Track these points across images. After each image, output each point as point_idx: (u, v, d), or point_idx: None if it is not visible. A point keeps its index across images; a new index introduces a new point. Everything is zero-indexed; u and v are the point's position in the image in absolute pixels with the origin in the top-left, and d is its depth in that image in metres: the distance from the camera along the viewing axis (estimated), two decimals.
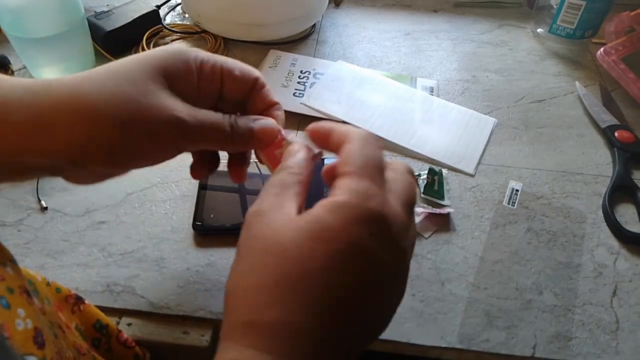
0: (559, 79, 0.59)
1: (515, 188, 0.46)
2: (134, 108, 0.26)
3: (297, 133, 0.51)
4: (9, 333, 0.23)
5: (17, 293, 0.25)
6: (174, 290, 0.38)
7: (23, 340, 0.23)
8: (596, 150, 0.50)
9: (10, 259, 0.26)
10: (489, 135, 0.51)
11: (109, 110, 0.26)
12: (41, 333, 0.25)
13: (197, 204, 0.43)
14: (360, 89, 0.55)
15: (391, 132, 0.51)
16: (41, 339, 0.24)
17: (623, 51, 0.57)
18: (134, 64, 0.27)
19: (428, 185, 0.45)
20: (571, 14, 0.60)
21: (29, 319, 0.24)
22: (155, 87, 0.27)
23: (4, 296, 0.24)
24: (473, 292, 0.38)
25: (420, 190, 0.45)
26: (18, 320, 0.24)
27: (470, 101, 0.56)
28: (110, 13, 0.59)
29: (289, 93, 0.54)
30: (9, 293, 0.24)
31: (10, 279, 0.25)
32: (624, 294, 0.39)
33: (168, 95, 0.27)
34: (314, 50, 0.62)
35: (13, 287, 0.25)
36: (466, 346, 0.35)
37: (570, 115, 0.54)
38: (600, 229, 0.43)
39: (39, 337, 0.24)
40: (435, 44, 0.64)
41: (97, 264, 0.39)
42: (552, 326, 0.37)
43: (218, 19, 0.59)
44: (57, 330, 0.28)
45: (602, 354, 0.35)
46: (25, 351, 0.23)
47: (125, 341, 0.34)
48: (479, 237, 0.42)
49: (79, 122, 0.25)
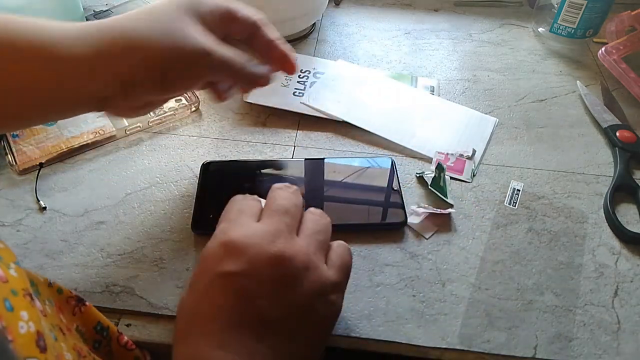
0: (560, 79, 0.59)
1: (516, 188, 0.46)
2: (174, 40, 0.31)
3: (297, 133, 0.51)
4: (12, 336, 0.23)
5: (20, 295, 0.25)
6: (174, 290, 0.37)
7: (26, 344, 0.23)
8: (597, 150, 0.50)
9: (14, 261, 0.26)
10: (490, 135, 0.51)
11: (157, 42, 0.31)
12: (43, 337, 0.24)
13: (196, 204, 0.42)
14: (361, 89, 0.55)
15: (391, 131, 0.50)
16: (43, 342, 0.24)
17: (624, 50, 0.57)
18: (170, 5, 0.32)
19: (435, 180, 0.45)
20: (572, 13, 0.60)
21: (32, 322, 0.24)
22: (188, 23, 0.32)
23: (8, 298, 0.24)
24: (474, 292, 0.38)
25: (428, 183, 0.45)
26: (21, 323, 0.24)
27: (471, 101, 0.55)
28: (109, 12, 0.59)
29: (289, 92, 0.54)
30: (13, 295, 0.24)
31: (14, 281, 0.25)
32: (625, 295, 0.39)
33: (198, 30, 0.32)
34: (314, 50, 0.62)
35: (17, 290, 0.25)
36: (467, 347, 0.35)
37: (571, 114, 0.54)
38: (601, 229, 0.43)
39: (41, 341, 0.24)
40: (436, 43, 0.64)
41: (96, 264, 0.39)
42: (553, 327, 0.37)
43: None
44: (57, 333, 0.27)
45: (603, 354, 0.35)
46: (28, 354, 0.23)
47: (125, 344, 0.33)
48: (479, 238, 0.42)
49: (135, 52, 0.31)
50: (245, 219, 0.31)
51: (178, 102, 0.53)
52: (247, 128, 0.51)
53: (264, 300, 0.28)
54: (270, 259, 0.28)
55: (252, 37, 0.37)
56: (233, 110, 0.53)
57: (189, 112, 0.52)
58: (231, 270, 0.28)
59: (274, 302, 0.28)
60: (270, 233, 0.29)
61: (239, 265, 0.28)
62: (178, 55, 0.31)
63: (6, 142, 0.46)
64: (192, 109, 0.52)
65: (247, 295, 0.28)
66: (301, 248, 0.29)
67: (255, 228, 0.30)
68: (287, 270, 0.28)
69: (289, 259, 0.28)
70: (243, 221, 0.31)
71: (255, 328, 0.27)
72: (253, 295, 0.28)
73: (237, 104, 0.54)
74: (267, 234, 0.29)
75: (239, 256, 0.28)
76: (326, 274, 0.30)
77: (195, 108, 0.53)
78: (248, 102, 0.52)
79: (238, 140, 0.50)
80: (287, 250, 0.29)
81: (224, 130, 0.51)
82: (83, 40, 0.30)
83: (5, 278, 0.24)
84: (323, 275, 0.30)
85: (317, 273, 0.29)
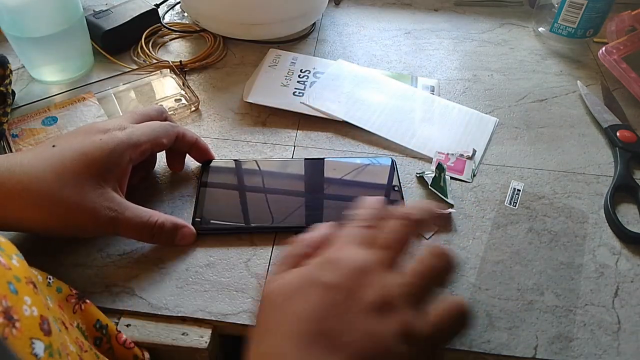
0: (560, 78, 0.59)
1: (516, 188, 0.46)
2: (77, 207, 0.34)
3: (297, 132, 0.51)
4: (17, 316, 0.23)
5: (23, 282, 0.25)
6: (173, 291, 0.37)
7: (30, 325, 0.24)
8: (598, 150, 0.50)
9: (16, 253, 0.27)
10: (490, 135, 0.51)
11: (61, 205, 0.34)
12: (47, 321, 0.25)
13: (196, 203, 0.42)
14: (361, 88, 0.55)
15: (392, 131, 0.50)
16: (47, 327, 0.25)
17: (624, 50, 0.57)
18: (76, 169, 0.35)
19: (435, 180, 0.45)
20: (572, 13, 0.60)
21: (35, 307, 0.25)
22: (93, 188, 0.35)
23: (12, 282, 0.24)
24: (474, 293, 0.38)
25: (428, 183, 0.45)
26: (25, 307, 0.24)
27: (472, 100, 0.55)
28: (109, 12, 0.59)
29: (289, 92, 0.54)
30: (16, 281, 0.25)
31: (17, 269, 0.26)
32: (625, 295, 0.39)
33: (102, 194, 0.35)
34: (314, 49, 0.62)
35: (20, 277, 0.25)
36: (467, 347, 0.35)
37: (571, 114, 0.54)
38: (602, 229, 0.43)
39: (45, 325, 0.25)
40: (436, 43, 0.64)
41: (96, 264, 0.39)
42: (554, 327, 0.36)
43: (217, 18, 0.59)
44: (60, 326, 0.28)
45: (603, 354, 0.35)
46: (33, 335, 0.24)
47: (124, 342, 0.33)
48: (480, 238, 0.42)
49: (42, 207, 0.34)
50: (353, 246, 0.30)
51: (178, 102, 0.53)
52: (247, 128, 0.51)
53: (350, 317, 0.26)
54: (368, 286, 0.27)
55: None
56: (233, 110, 0.53)
57: (189, 112, 0.52)
58: (330, 282, 0.27)
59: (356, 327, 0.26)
60: (373, 261, 0.29)
61: (338, 279, 0.27)
62: (83, 217, 0.35)
63: (5, 142, 0.46)
64: (192, 108, 0.52)
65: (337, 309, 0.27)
66: (401, 287, 0.28)
67: (359, 252, 0.29)
68: (379, 298, 0.27)
69: (388, 293, 0.27)
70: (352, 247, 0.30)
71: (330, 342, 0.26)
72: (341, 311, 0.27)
73: (237, 104, 0.53)
74: (371, 262, 0.29)
75: (341, 271, 0.28)
76: (416, 323, 0.27)
77: (195, 108, 0.52)
78: (248, 102, 0.52)
79: (238, 140, 0.50)
80: (386, 282, 0.28)
81: (223, 130, 0.51)
82: None
83: (8, 266, 0.25)
84: (411, 322, 0.27)
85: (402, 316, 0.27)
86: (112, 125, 0.38)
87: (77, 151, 0.35)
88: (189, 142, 0.44)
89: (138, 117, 0.41)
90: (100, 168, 0.36)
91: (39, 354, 0.23)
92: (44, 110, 0.50)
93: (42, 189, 0.33)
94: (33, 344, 0.23)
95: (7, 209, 0.34)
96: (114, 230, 0.36)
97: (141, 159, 0.39)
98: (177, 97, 0.53)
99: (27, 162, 0.34)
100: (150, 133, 0.39)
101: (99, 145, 0.36)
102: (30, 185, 0.33)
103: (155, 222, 0.38)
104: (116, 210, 0.36)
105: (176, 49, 0.61)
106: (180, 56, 0.60)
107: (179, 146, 0.43)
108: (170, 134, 0.41)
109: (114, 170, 0.37)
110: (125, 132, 0.38)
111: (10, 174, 0.33)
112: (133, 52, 0.59)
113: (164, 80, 0.55)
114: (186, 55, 0.60)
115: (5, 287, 0.24)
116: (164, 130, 0.41)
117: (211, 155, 0.46)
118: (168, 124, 0.41)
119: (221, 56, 0.60)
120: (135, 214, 0.37)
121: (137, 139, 0.38)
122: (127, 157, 0.37)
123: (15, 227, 0.36)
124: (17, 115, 0.49)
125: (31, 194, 0.33)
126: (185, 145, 0.43)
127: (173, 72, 0.55)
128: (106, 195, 0.36)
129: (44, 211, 0.34)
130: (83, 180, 0.35)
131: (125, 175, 0.38)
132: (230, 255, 0.40)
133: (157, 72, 0.55)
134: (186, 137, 0.43)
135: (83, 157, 0.35)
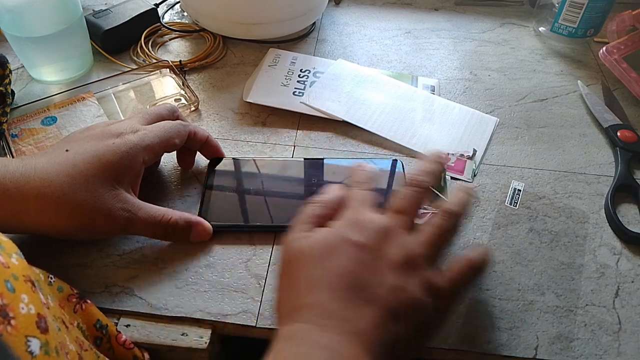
0: (561, 78, 0.59)
1: (517, 188, 0.46)
2: (92, 209, 0.35)
3: (297, 132, 0.51)
4: (13, 313, 0.23)
5: (21, 280, 0.25)
6: (173, 291, 0.37)
7: (26, 323, 0.24)
8: (598, 150, 0.50)
9: (16, 252, 0.27)
10: (491, 135, 0.51)
11: (76, 209, 0.35)
12: (45, 319, 0.25)
13: (201, 203, 0.42)
14: (361, 88, 0.55)
15: (392, 131, 0.50)
16: (44, 324, 0.25)
17: (625, 50, 0.57)
18: (89, 173, 0.35)
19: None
20: (573, 12, 0.60)
21: (32, 305, 0.25)
22: (106, 191, 0.35)
23: (9, 280, 0.24)
24: (475, 293, 0.38)
25: None
26: (22, 305, 0.24)
27: (472, 100, 0.55)
28: (108, 11, 0.59)
29: (289, 92, 0.54)
30: (14, 279, 0.25)
31: (15, 268, 0.26)
32: (626, 295, 0.38)
33: (116, 195, 0.36)
34: (314, 49, 0.62)
35: (18, 275, 0.25)
36: (468, 347, 0.35)
37: (572, 114, 0.54)
38: (602, 229, 0.43)
39: (42, 322, 0.25)
40: (436, 43, 0.64)
41: (95, 264, 0.39)
42: (554, 327, 0.36)
43: (217, 18, 0.59)
44: (60, 325, 0.28)
45: (604, 355, 0.35)
46: (29, 333, 0.24)
47: (124, 343, 0.33)
48: (480, 238, 0.42)
49: (58, 212, 0.34)
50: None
51: (177, 101, 0.53)
52: (246, 127, 0.51)
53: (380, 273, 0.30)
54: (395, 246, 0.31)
55: None
56: (233, 109, 0.53)
57: (189, 112, 0.52)
58: (360, 242, 0.31)
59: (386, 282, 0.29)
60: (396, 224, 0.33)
61: (366, 239, 0.31)
62: (97, 219, 0.36)
63: (5, 142, 0.46)
64: (192, 108, 0.52)
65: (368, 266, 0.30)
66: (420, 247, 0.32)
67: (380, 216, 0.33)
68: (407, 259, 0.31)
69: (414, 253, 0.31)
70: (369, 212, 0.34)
71: (365, 296, 0.29)
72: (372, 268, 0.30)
73: (237, 104, 0.53)
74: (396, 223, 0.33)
75: (368, 232, 0.31)
76: (435, 278, 0.31)
77: (195, 107, 0.52)
78: (248, 102, 0.52)
79: (238, 139, 0.49)
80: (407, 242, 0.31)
81: (223, 129, 0.50)
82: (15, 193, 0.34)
83: (6, 264, 0.25)
84: (431, 277, 0.31)
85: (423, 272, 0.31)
86: (124, 128, 0.38)
87: (91, 155, 0.36)
88: (200, 140, 0.43)
89: (150, 118, 0.41)
90: (114, 171, 0.36)
91: (34, 352, 0.23)
92: (44, 110, 0.50)
93: (57, 194, 0.34)
94: (29, 342, 0.23)
95: (23, 214, 0.34)
96: (129, 230, 0.37)
97: (154, 160, 0.40)
98: (176, 96, 0.53)
99: (42, 167, 0.34)
100: (162, 134, 0.39)
101: (113, 149, 0.36)
102: (45, 190, 0.34)
103: (168, 221, 0.38)
104: (130, 210, 0.36)
105: (176, 49, 0.61)
106: (180, 56, 0.59)
107: (190, 144, 0.43)
108: (182, 133, 0.41)
109: (127, 173, 0.37)
110: (137, 135, 0.38)
111: (26, 179, 0.34)
112: (132, 51, 0.59)
113: (163, 80, 0.55)
114: (186, 55, 0.60)
115: (2, 285, 0.24)
116: (176, 130, 0.41)
117: (222, 152, 0.46)
118: (179, 123, 0.41)
119: (221, 56, 0.60)
120: (148, 213, 0.37)
121: (150, 141, 0.38)
122: (140, 159, 0.38)
123: (32, 231, 0.37)
124: (17, 115, 0.49)
125: (46, 198, 0.34)
126: (197, 143, 0.44)
127: (173, 72, 0.55)
128: (120, 196, 0.36)
129: (60, 215, 0.34)
130: (97, 183, 0.35)
131: (139, 177, 0.39)
132: (230, 256, 0.40)
133: (157, 72, 0.55)
134: (197, 135, 0.43)
135: (97, 161, 0.36)
